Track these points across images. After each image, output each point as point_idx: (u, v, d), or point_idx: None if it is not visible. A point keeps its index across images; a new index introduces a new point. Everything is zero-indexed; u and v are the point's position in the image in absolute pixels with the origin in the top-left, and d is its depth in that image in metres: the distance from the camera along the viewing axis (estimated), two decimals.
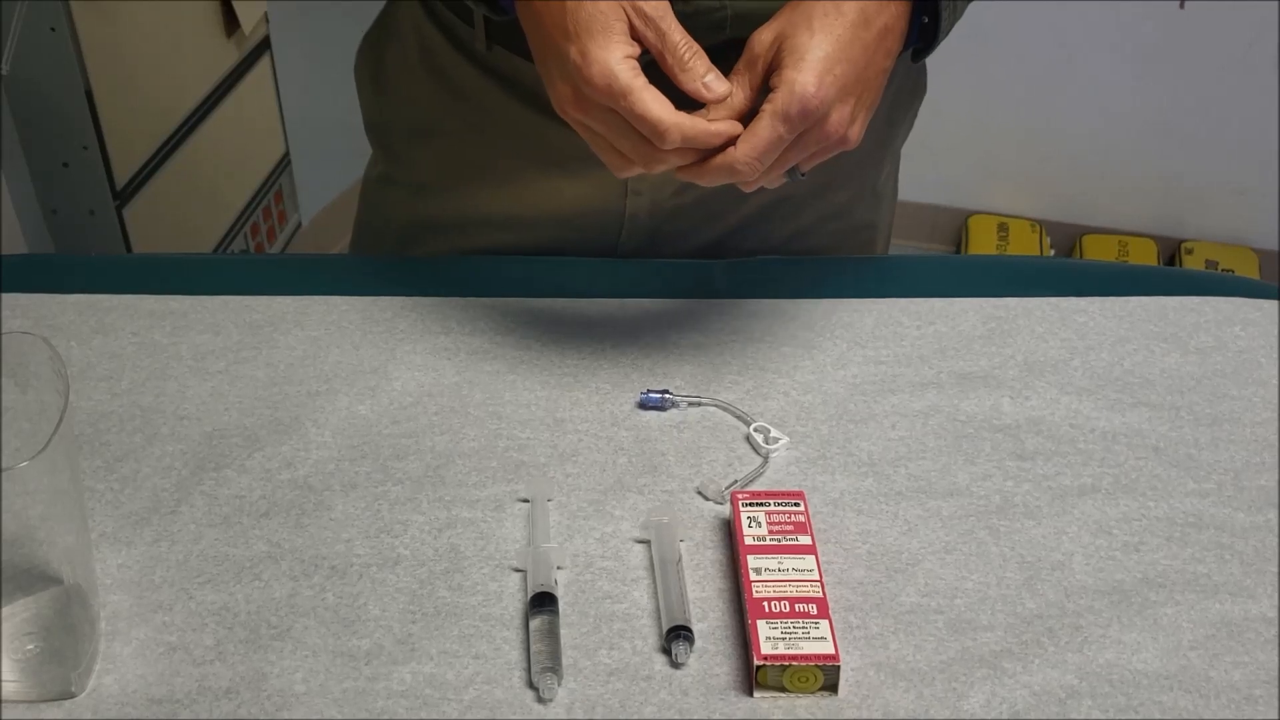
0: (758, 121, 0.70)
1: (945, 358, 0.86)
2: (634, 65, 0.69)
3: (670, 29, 0.70)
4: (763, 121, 0.69)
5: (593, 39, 0.69)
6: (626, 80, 0.68)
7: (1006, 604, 0.69)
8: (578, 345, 0.86)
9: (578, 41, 0.69)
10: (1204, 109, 2.29)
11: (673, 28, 0.70)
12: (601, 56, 0.68)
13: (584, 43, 0.69)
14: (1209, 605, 0.69)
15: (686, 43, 0.70)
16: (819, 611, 0.65)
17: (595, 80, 0.68)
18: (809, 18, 0.71)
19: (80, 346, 0.85)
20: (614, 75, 0.68)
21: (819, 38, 0.70)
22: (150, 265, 0.99)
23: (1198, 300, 0.92)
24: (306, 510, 0.73)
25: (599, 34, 0.69)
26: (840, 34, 0.70)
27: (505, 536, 0.72)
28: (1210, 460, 0.78)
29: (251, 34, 1.84)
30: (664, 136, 0.68)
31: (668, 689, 0.64)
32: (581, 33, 0.69)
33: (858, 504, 0.75)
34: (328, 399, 0.81)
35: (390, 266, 0.98)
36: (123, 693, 0.63)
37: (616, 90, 0.68)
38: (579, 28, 0.69)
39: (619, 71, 0.68)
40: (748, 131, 0.70)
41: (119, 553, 0.70)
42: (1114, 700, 0.64)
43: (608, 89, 0.68)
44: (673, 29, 0.70)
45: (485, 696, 0.63)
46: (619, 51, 0.69)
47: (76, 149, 1.52)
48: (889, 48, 0.73)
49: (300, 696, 0.63)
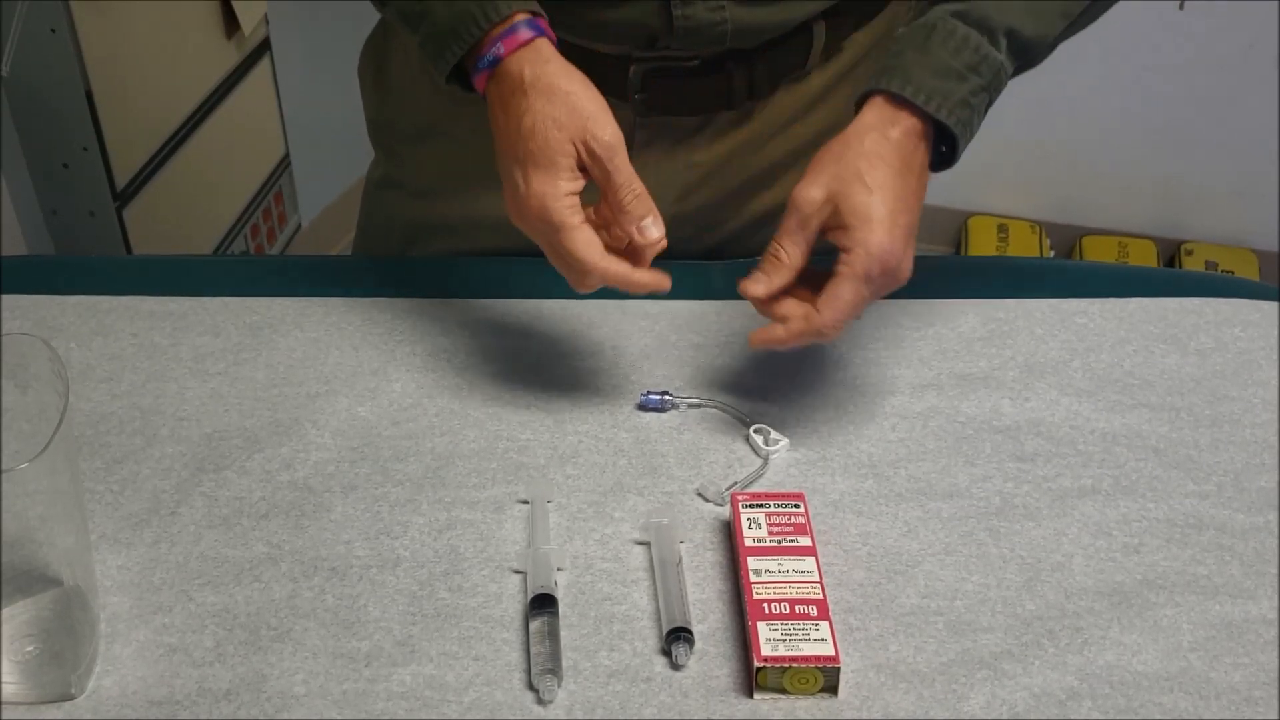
0: (838, 285, 0.71)
1: (945, 359, 0.86)
2: (573, 202, 0.71)
3: (616, 169, 0.71)
4: (844, 285, 0.71)
5: (538, 170, 0.71)
6: (560, 218, 0.70)
7: (1006, 605, 0.69)
8: (578, 347, 0.86)
9: (524, 168, 0.71)
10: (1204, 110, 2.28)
11: (619, 168, 0.71)
12: (541, 190, 0.71)
13: (529, 171, 0.71)
14: (1209, 606, 0.69)
15: (629, 185, 0.71)
16: (819, 613, 0.65)
17: (533, 210, 0.71)
18: (858, 173, 0.71)
19: (80, 348, 0.85)
20: (549, 210, 0.70)
21: (877, 195, 0.71)
22: (150, 267, 0.99)
23: (1198, 301, 0.92)
24: (306, 512, 0.73)
25: (545, 167, 0.71)
26: (893, 185, 0.72)
27: (505, 538, 0.72)
28: (1210, 461, 0.78)
29: (251, 35, 1.84)
30: (585, 277, 0.71)
31: (668, 691, 0.64)
32: (529, 161, 0.71)
33: (858, 505, 0.75)
34: (327, 400, 0.81)
35: (390, 268, 0.98)
36: (122, 694, 0.63)
37: (550, 224, 0.71)
38: (528, 155, 0.71)
39: (555, 209, 0.70)
40: (830, 296, 0.71)
41: (119, 554, 0.70)
42: (1114, 702, 0.64)
43: (543, 221, 0.71)
44: (619, 169, 0.71)
45: (485, 698, 0.63)
46: (561, 188, 0.71)
47: (76, 150, 1.52)
48: (924, 181, 0.75)
49: (300, 698, 0.63)
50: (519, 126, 0.71)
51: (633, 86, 0.86)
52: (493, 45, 0.73)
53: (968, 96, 0.74)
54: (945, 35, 0.74)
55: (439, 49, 0.74)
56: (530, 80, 0.71)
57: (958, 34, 0.74)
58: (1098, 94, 2.36)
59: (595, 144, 0.70)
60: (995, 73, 0.74)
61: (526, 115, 0.71)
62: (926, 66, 0.73)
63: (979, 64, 0.74)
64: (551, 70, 0.72)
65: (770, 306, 0.74)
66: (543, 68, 0.72)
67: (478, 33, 0.72)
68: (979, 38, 0.74)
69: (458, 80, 0.76)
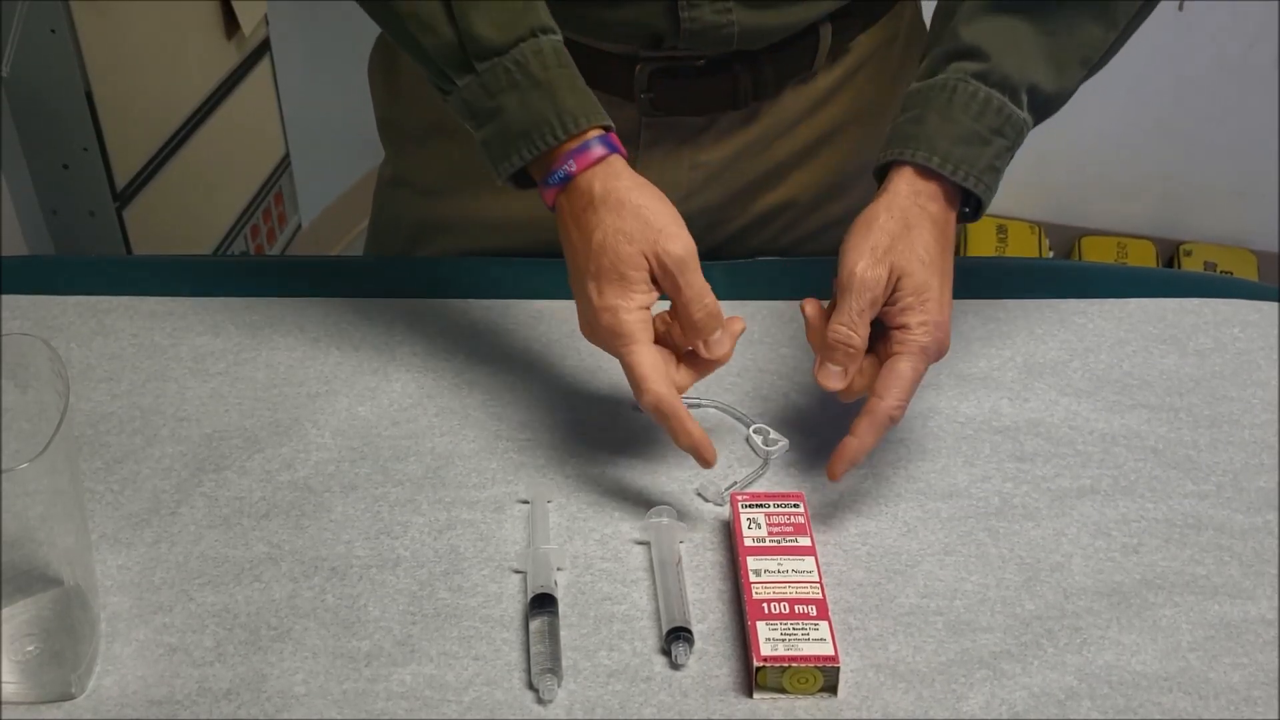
0: (900, 364, 0.70)
1: (944, 359, 0.86)
2: (644, 317, 0.71)
3: (687, 284, 0.71)
4: (905, 363, 0.70)
5: (610, 284, 0.71)
6: (629, 330, 0.70)
7: (1006, 605, 0.69)
8: (578, 347, 0.86)
9: (595, 282, 0.71)
10: (1203, 110, 2.28)
11: (689, 283, 0.71)
12: (613, 304, 0.71)
13: (601, 285, 0.71)
14: (1208, 607, 0.69)
15: (699, 300, 0.71)
16: (819, 613, 0.65)
17: (603, 324, 0.71)
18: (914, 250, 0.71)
19: (80, 348, 0.85)
20: (619, 324, 0.70)
21: (934, 272, 0.71)
22: (150, 267, 0.99)
23: (1197, 302, 0.92)
24: (306, 512, 0.73)
25: (616, 282, 0.71)
26: (940, 261, 0.72)
27: (505, 538, 0.72)
28: (1209, 462, 0.78)
29: (251, 36, 1.84)
30: (641, 396, 0.71)
31: (667, 690, 0.64)
32: (600, 276, 0.71)
33: (857, 505, 0.75)
34: (327, 400, 0.81)
35: (390, 268, 0.98)
36: (123, 694, 0.63)
37: (619, 337, 0.71)
38: (599, 270, 0.71)
39: (625, 322, 0.70)
40: (894, 376, 0.70)
41: (119, 554, 0.70)
42: (1113, 701, 0.64)
43: (612, 334, 0.71)
44: (689, 284, 0.71)
45: (485, 698, 0.63)
46: (634, 301, 0.71)
47: (77, 150, 1.52)
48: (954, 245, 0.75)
49: (300, 698, 0.63)
50: (589, 242, 0.71)
51: (639, 86, 0.86)
52: (565, 161, 0.72)
53: (993, 161, 0.74)
54: (967, 99, 0.73)
55: (505, 151, 0.73)
56: (601, 196, 0.71)
57: (979, 97, 0.73)
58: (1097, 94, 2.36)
59: (666, 258, 0.70)
60: (1019, 132, 0.74)
61: (597, 231, 0.71)
62: (951, 135, 0.73)
63: (1003, 125, 0.74)
64: (623, 185, 0.71)
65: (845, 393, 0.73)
66: (614, 183, 0.71)
67: (552, 142, 0.72)
68: (1001, 99, 0.73)
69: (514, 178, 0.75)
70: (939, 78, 0.74)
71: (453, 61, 0.73)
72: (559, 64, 0.72)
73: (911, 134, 0.74)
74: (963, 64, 0.74)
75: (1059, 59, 0.75)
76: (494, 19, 0.72)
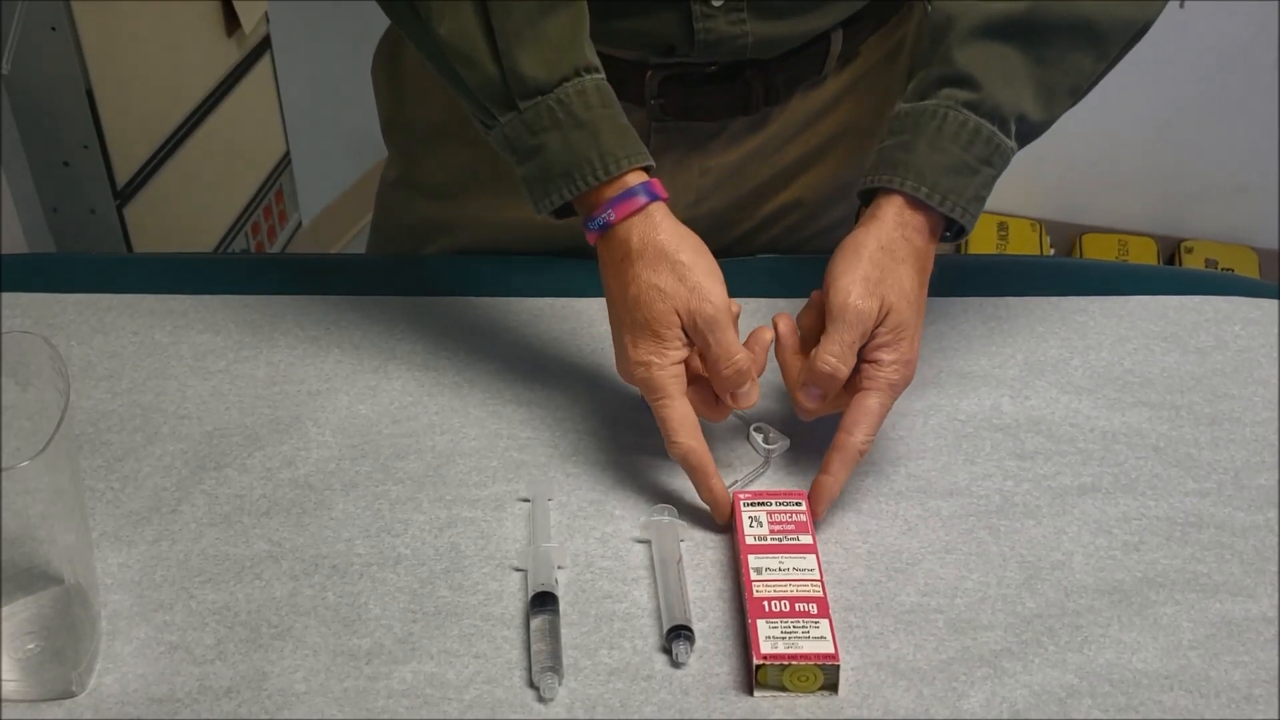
0: (867, 400, 0.71)
1: (945, 357, 0.86)
2: (677, 371, 0.72)
3: (717, 342, 0.71)
4: (874, 399, 0.71)
5: (644, 339, 0.72)
6: (661, 384, 0.71)
7: (1006, 603, 0.69)
8: (579, 345, 0.86)
9: (630, 334, 0.72)
10: (1204, 108, 2.28)
11: (719, 340, 0.71)
12: (645, 359, 0.72)
13: (636, 338, 0.72)
14: (1209, 605, 0.69)
15: (728, 358, 0.72)
16: (819, 611, 0.65)
17: (637, 376, 0.72)
18: (899, 286, 0.72)
19: (81, 345, 0.85)
20: (652, 379, 0.72)
21: (913, 308, 0.72)
22: (151, 264, 0.99)
23: (1198, 299, 0.92)
24: (307, 509, 0.73)
25: (650, 338, 0.72)
26: (918, 295, 0.73)
27: (506, 536, 0.72)
28: (1210, 460, 0.78)
29: (252, 33, 1.84)
30: (671, 448, 0.71)
31: (668, 688, 0.64)
32: (635, 328, 0.72)
33: (857, 503, 0.75)
34: (328, 398, 0.81)
35: (390, 266, 0.98)
36: (123, 692, 0.63)
37: (652, 391, 0.72)
38: (634, 324, 0.72)
39: (657, 378, 0.71)
40: (860, 411, 0.71)
41: (119, 552, 0.70)
42: (1114, 700, 0.64)
43: (645, 386, 0.72)
44: (718, 342, 0.71)
45: (486, 696, 0.63)
46: (667, 357, 0.72)
47: (77, 148, 1.52)
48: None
49: (301, 696, 0.63)
50: (625, 294, 0.72)
51: (649, 92, 0.86)
52: (605, 209, 0.72)
53: (979, 190, 0.74)
54: (957, 128, 0.73)
55: (545, 189, 0.73)
56: (638, 249, 0.72)
57: (969, 126, 0.73)
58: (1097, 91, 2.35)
59: (699, 317, 0.71)
60: (1005, 160, 0.75)
61: (632, 284, 0.72)
62: (940, 164, 0.73)
63: (991, 155, 0.74)
64: (661, 238, 0.72)
65: (810, 413, 0.74)
66: (652, 235, 0.72)
67: (593, 182, 0.72)
68: (990, 129, 0.73)
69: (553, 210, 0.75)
70: (929, 103, 0.74)
71: (496, 98, 0.73)
72: (602, 104, 0.73)
73: (900, 160, 0.74)
74: (954, 91, 0.74)
75: (1049, 89, 0.75)
76: (540, 57, 0.72)
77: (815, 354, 0.72)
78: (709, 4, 0.81)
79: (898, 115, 0.75)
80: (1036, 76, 0.75)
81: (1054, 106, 0.76)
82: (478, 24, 0.72)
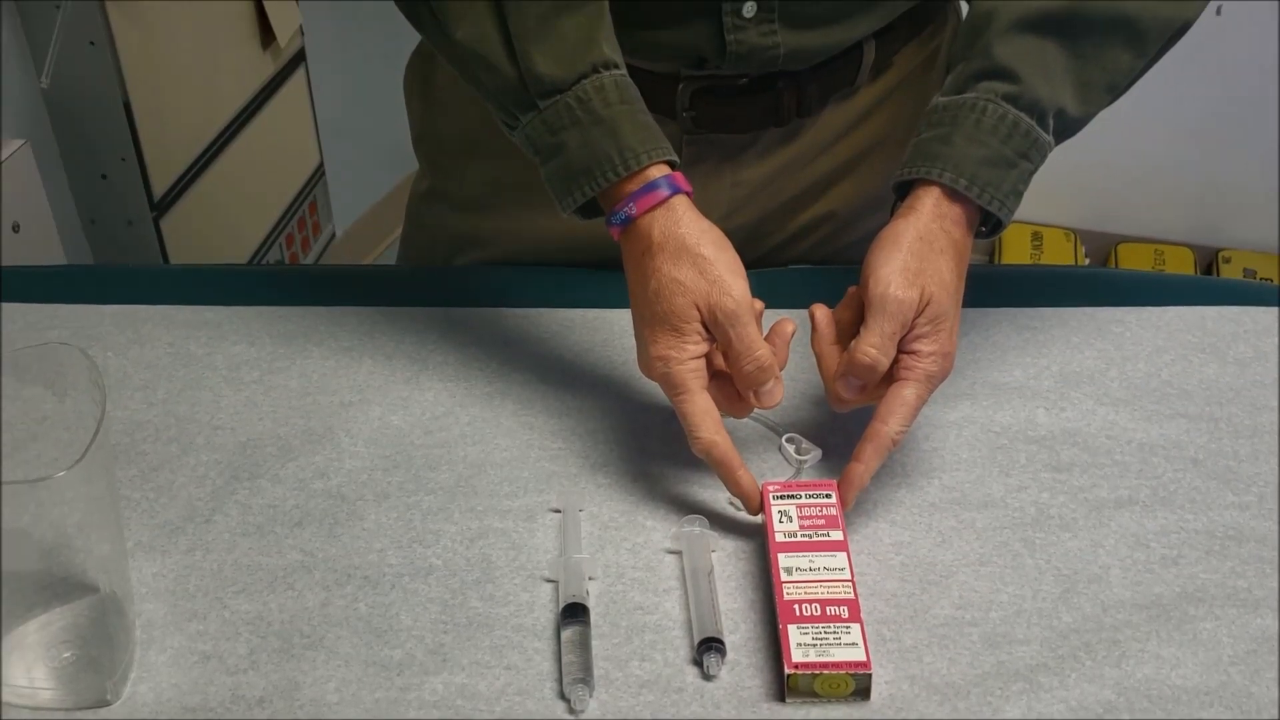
0: (904, 390, 0.71)
1: (979, 368, 0.85)
2: (697, 366, 0.71)
3: (737, 337, 0.71)
4: (911, 390, 0.71)
5: (663, 333, 0.71)
6: (681, 380, 0.71)
7: (1042, 617, 0.68)
8: (610, 356, 0.86)
9: (650, 328, 0.72)
10: (1242, 114, 2.26)
11: (739, 336, 0.71)
12: (665, 354, 0.71)
13: (655, 332, 0.72)
14: (1249, 620, 0.68)
15: (749, 353, 0.71)
16: (850, 615, 0.64)
17: (655, 372, 0.72)
18: (939, 276, 0.71)
19: (117, 356, 0.86)
20: (671, 374, 0.71)
21: (952, 300, 0.72)
22: (186, 276, 1.00)
23: (1236, 310, 0.91)
24: (339, 520, 0.74)
25: (669, 333, 0.71)
26: (957, 287, 0.73)
27: (537, 547, 0.72)
28: (1250, 472, 0.77)
29: (287, 46, 1.85)
30: (694, 444, 0.71)
31: (699, 701, 0.63)
32: (655, 323, 0.72)
33: (891, 515, 0.74)
34: (360, 409, 0.82)
35: (422, 278, 0.98)
36: (157, 701, 0.63)
37: (671, 386, 0.71)
38: (654, 318, 0.72)
39: (676, 372, 0.71)
40: (896, 401, 0.70)
41: (154, 561, 0.71)
42: (1152, 716, 0.63)
43: (664, 381, 0.72)
44: (739, 337, 0.71)
45: (517, 707, 0.63)
46: (686, 353, 0.71)
47: (115, 160, 1.53)
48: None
49: (332, 706, 0.63)
50: (645, 288, 0.72)
51: (681, 104, 0.86)
52: (627, 203, 0.72)
53: (1017, 184, 0.73)
54: (996, 120, 0.73)
55: (568, 187, 0.74)
56: (659, 242, 0.72)
57: (1008, 119, 0.73)
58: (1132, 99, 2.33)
59: (719, 311, 0.70)
60: (1043, 155, 0.74)
61: (653, 279, 0.71)
62: (978, 157, 0.72)
63: (1029, 149, 0.73)
64: (682, 232, 0.72)
65: (844, 404, 0.73)
66: (673, 229, 0.72)
67: (613, 178, 0.72)
68: (1029, 122, 0.73)
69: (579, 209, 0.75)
70: (967, 95, 0.74)
71: (515, 99, 0.74)
72: (621, 100, 0.72)
73: (938, 152, 0.73)
74: (993, 84, 0.73)
75: (1087, 84, 0.75)
76: (555, 56, 0.72)
77: (855, 345, 0.71)
78: (740, 15, 0.81)
79: (935, 108, 0.75)
80: (1075, 71, 0.74)
81: (1091, 103, 0.75)
82: (494, 26, 0.73)
